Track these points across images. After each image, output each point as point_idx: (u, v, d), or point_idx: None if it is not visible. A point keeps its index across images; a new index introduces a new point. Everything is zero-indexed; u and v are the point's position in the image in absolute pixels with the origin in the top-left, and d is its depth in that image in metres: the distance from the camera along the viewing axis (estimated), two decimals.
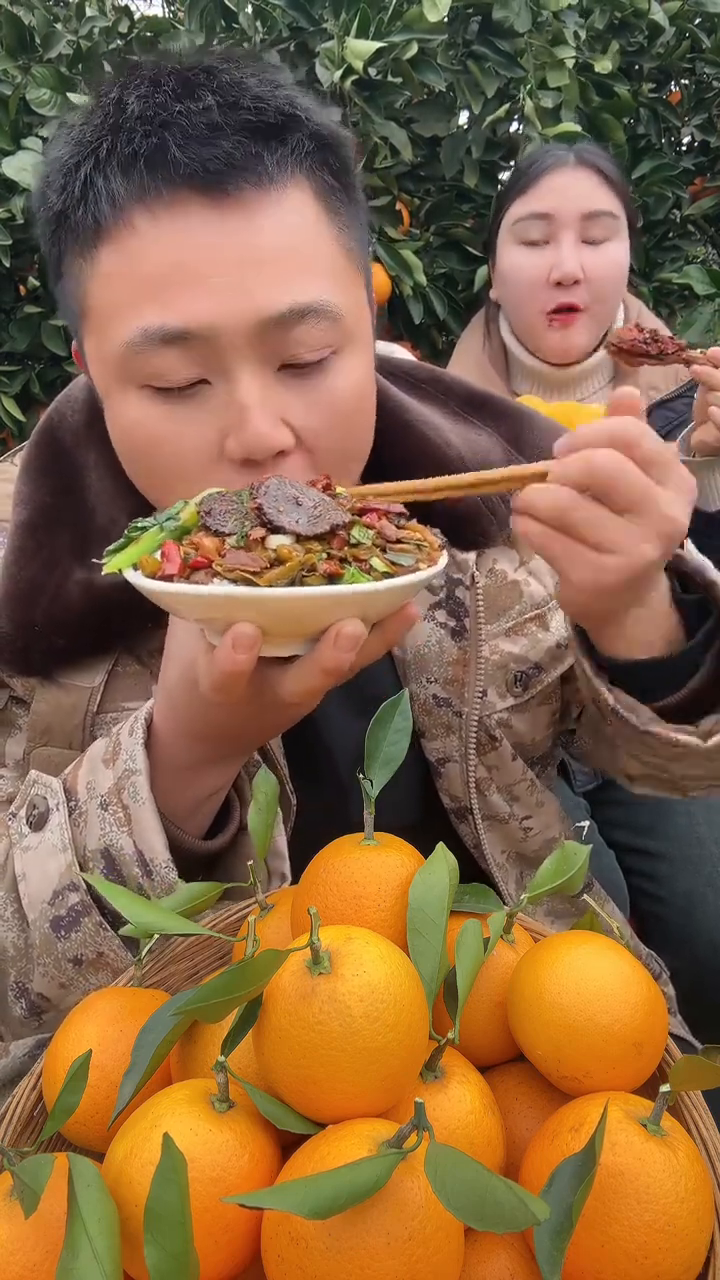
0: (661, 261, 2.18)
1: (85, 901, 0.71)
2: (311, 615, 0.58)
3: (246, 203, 0.66)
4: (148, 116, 0.66)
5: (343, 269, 0.72)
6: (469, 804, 0.90)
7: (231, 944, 0.67)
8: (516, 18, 1.81)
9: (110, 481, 0.82)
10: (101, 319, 0.69)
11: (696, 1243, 0.46)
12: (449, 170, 1.97)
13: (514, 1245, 0.49)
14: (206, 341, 0.66)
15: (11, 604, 0.79)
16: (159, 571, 0.58)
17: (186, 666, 0.67)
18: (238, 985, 0.48)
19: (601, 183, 1.56)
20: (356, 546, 0.60)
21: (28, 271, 1.92)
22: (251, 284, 0.66)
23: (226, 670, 0.58)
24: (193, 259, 0.65)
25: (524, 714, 0.91)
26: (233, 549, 0.58)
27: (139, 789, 0.70)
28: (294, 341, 0.68)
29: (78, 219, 0.68)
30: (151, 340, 0.66)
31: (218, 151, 0.65)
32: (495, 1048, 0.58)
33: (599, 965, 0.55)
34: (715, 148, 2.20)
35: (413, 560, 0.61)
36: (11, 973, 0.76)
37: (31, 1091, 0.59)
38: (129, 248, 0.66)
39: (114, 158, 0.66)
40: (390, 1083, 0.48)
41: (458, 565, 0.88)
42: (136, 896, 0.57)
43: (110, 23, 1.80)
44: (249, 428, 0.67)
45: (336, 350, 0.71)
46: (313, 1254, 0.42)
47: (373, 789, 0.63)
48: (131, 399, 0.70)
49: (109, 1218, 0.44)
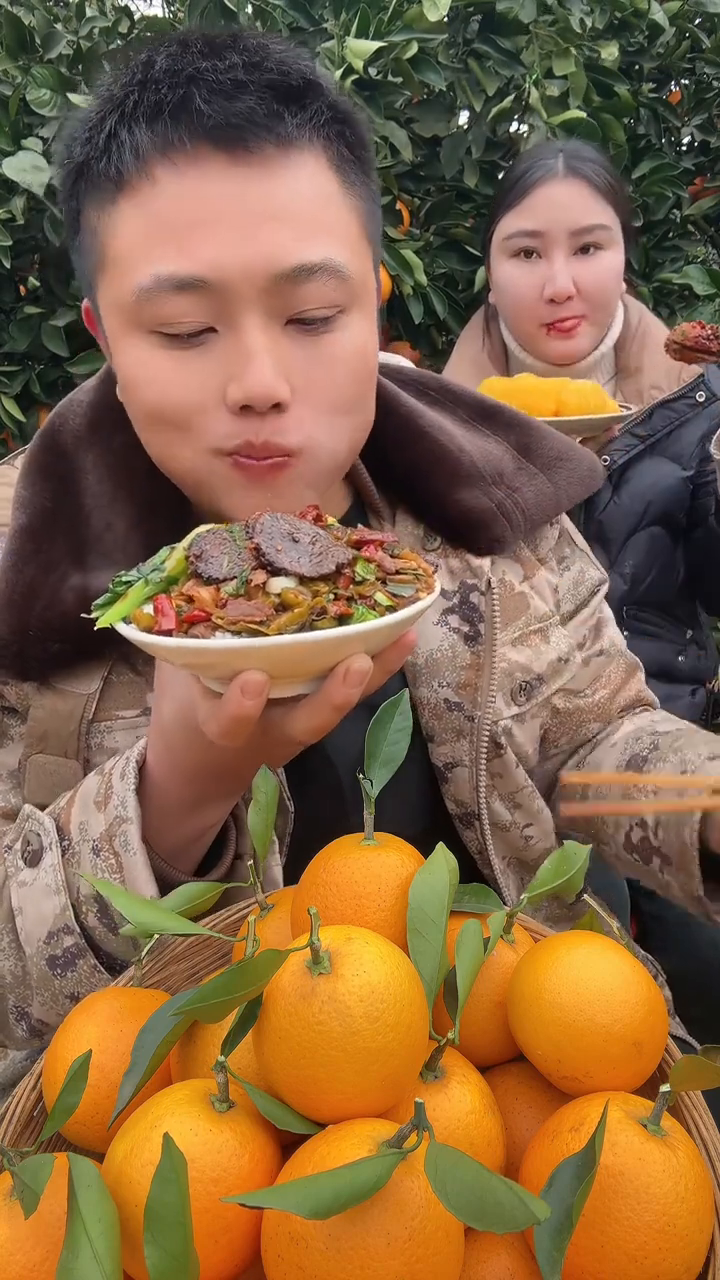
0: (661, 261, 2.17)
1: (80, 945, 0.72)
2: (320, 657, 0.58)
3: (265, 159, 0.67)
4: (175, 71, 0.68)
5: (355, 238, 0.74)
6: (477, 809, 0.90)
7: (231, 944, 0.67)
8: (521, 8, 1.80)
9: (109, 485, 0.83)
10: (117, 266, 0.71)
11: (696, 1243, 0.46)
12: (449, 170, 1.97)
13: (514, 1245, 0.49)
14: (217, 290, 0.68)
15: (7, 608, 0.79)
16: (155, 627, 0.57)
17: (184, 708, 0.67)
18: (238, 985, 0.48)
19: (592, 193, 1.55)
20: (361, 584, 0.60)
21: (28, 272, 1.92)
22: (266, 237, 0.67)
23: (235, 716, 0.58)
24: (210, 210, 0.67)
25: (522, 724, 0.92)
26: (232, 597, 0.57)
27: (129, 838, 0.70)
28: (303, 297, 0.69)
29: (100, 170, 0.70)
30: (164, 286, 0.68)
31: (240, 107, 0.66)
32: (495, 1048, 0.58)
33: (599, 965, 0.55)
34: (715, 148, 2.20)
35: (413, 590, 0.61)
36: (10, 998, 0.76)
37: (31, 1091, 0.59)
38: (148, 199, 0.68)
39: (139, 110, 0.68)
40: (390, 1083, 0.48)
41: (472, 570, 0.89)
42: (136, 896, 0.57)
43: (110, 23, 1.80)
44: (251, 374, 0.68)
45: (343, 310, 0.73)
46: (313, 1254, 0.42)
47: (373, 789, 0.63)
48: (140, 345, 0.71)
49: (109, 1218, 0.44)
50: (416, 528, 0.90)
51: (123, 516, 0.82)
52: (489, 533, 0.88)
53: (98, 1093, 0.54)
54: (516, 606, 0.91)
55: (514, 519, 0.89)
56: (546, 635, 0.93)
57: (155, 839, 0.72)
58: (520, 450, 0.93)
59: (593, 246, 1.56)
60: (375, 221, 0.78)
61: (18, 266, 1.85)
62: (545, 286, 1.56)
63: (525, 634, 0.91)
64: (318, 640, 0.55)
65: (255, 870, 0.64)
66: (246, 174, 0.67)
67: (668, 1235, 0.45)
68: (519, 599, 0.92)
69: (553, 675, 0.93)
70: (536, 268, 1.58)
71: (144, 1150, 0.47)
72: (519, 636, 0.91)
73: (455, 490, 0.87)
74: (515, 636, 0.90)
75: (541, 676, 0.92)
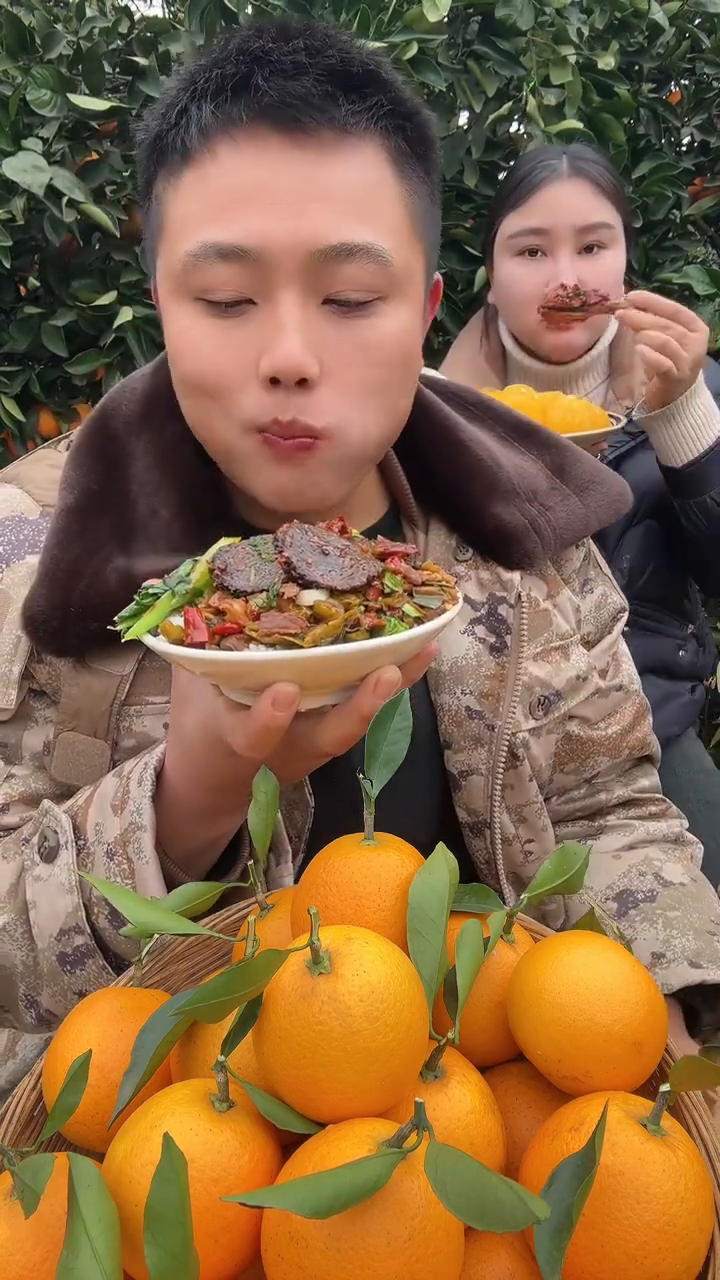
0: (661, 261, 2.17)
1: (90, 945, 0.73)
2: (351, 668, 0.58)
3: (321, 142, 0.69)
4: (244, 50, 0.70)
5: (402, 228, 0.74)
6: (489, 818, 0.91)
7: (231, 944, 0.67)
8: (520, 15, 1.81)
9: (156, 472, 0.84)
10: (172, 234, 0.74)
11: (696, 1243, 0.46)
12: (449, 170, 1.97)
13: (514, 1245, 0.49)
14: (257, 260, 0.69)
15: (49, 584, 0.80)
16: (187, 639, 0.57)
17: (206, 719, 0.67)
18: (238, 985, 0.48)
19: (596, 193, 1.56)
20: (390, 595, 0.61)
21: (28, 272, 1.92)
22: (309, 214, 0.69)
23: (266, 727, 0.58)
24: (260, 184, 0.69)
25: (539, 738, 0.93)
26: (264, 610, 0.57)
27: (143, 846, 0.71)
28: (341, 278, 0.71)
29: (169, 142, 0.73)
30: (209, 253, 0.70)
31: (297, 87, 0.68)
32: (495, 1048, 0.58)
33: (599, 965, 0.55)
34: (715, 148, 2.20)
35: (438, 602, 0.62)
36: (21, 985, 0.77)
37: (31, 1091, 0.59)
38: (209, 172, 0.71)
39: (207, 86, 0.70)
40: (390, 1083, 0.48)
41: (502, 584, 0.90)
42: (136, 896, 0.57)
43: (110, 23, 1.80)
44: (280, 346, 0.70)
45: (384, 298, 0.73)
46: (313, 1253, 0.42)
47: (373, 789, 0.63)
48: (185, 311, 0.74)
49: (109, 1218, 0.44)
50: (449, 538, 0.91)
51: (167, 505, 0.83)
52: (520, 547, 0.90)
53: (98, 1092, 0.54)
54: (541, 622, 0.93)
55: (545, 536, 0.91)
56: (567, 653, 0.94)
57: (169, 846, 0.73)
58: (555, 470, 0.95)
59: (596, 246, 1.57)
60: (430, 222, 0.79)
61: (18, 267, 1.85)
62: (549, 283, 1.56)
63: (547, 650, 0.93)
64: (352, 652, 0.56)
65: (255, 870, 0.64)
66: (301, 155, 0.69)
67: (668, 1235, 0.45)
68: (543, 615, 0.93)
69: (570, 692, 0.94)
70: (541, 265, 1.58)
71: (144, 1150, 0.47)
72: (541, 652, 0.92)
73: (491, 504, 0.89)
74: (538, 651, 0.92)
75: (560, 693, 0.93)
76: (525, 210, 1.58)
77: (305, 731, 0.64)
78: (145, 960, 0.65)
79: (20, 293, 1.93)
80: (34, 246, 1.87)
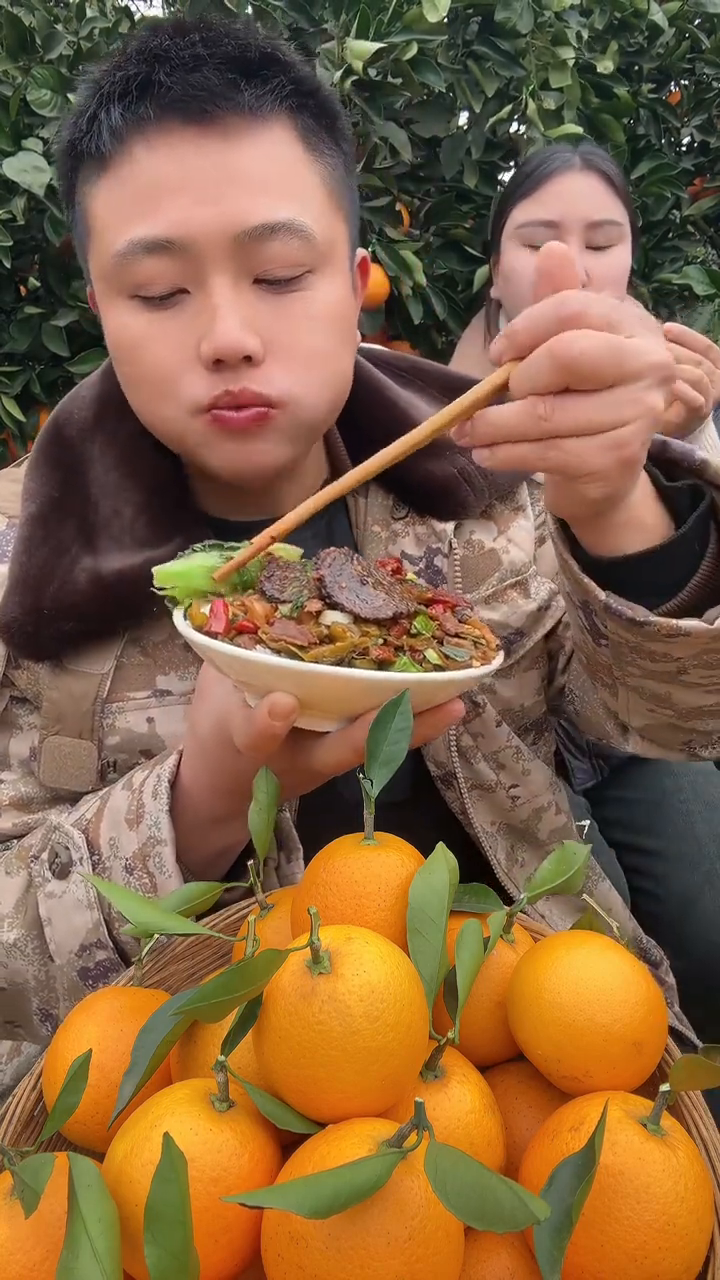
0: (661, 262, 2.17)
1: (113, 959, 0.73)
2: (351, 697, 0.59)
3: (227, 128, 0.71)
4: (143, 51, 0.72)
5: (320, 201, 0.76)
6: (453, 769, 0.91)
7: (231, 944, 0.67)
8: (519, 18, 1.81)
9: (115, 473, 0.85)
10: (100, 237, 0.75)
11: (696, 1243, 0.46)
12: (449, 171, 1.97)
13: (514, 1245, 0.49)
14: (185, 250, 0.71)
15: (21, 589, 0.81)
16: (206, 626, 0.59)
17: (222, 719, 0.68)
18: (238, 985, 0.48)
19: (607, 189, 1.56)
20: (416, 636, 0.61)
21: (28, 272, 1.92)
22: (229, 199, 0.71)
23: (262, 731, 0.60)
24: (176, 176, 0.71)
25: (509, 679, 0.93)
26: (282, 618, 0.59)
27: (164, 860, 0.72)
28: (267, 257, 0.73)
29: (84, 149, 0.74)
30: (136, 250, 0.72)
31: (199, 79, 0.70)
32: (495, 1047, 0.58)
33: (599, 965, 0.55)
34: (715, 148, 2.20)
35: (467, 655, 0.61)
36: (34, 1000, 0.77)
37: (31, 1091, 0.59)
38: (126, 173, 0.72)
39: (113, 90, 0.72)
40: (390, 1082, 0.48)
41: (436, 535, 0.91)
42: (136, 896, 0.57)
43: (110, 23, 1.80)
44: (218, 328, 0.71)
45: (311, 270, 0.75)
46: (313, 1253, 0.42)
47: (373, 789, 0.63)
48: (121, 308, 0.75)
49: (109, 1218, 0.44)
50: (386, 498, 0.92)
51: (130, 504, 0.84)
52: (452, 498, 0.91)
53: (98, 1092, 0.54)
54: (486, 565, 0.93)
55: (476, 483, 0.91)
56: (525, 588, 0.94)
57: (185, 855, 0.73)
58: None
59: (605, 242, 1.57)
60: (347, 190, 0.81)
61: (18, 267, 1.85)
62: None
63: (500, 590, 0.92)
64: (350, 677, 0.56)
65: (255, 870, 0.64)
66: (209, 141, 0.71)
67: (667, 1235, 0.45)
68: (489, 557, 0.93)
69: (534, 626, 0.93)
70: None
71: (144, 1150, 0.47)
72: (493, 594, 0.92)
73: (419, 459, 0.88)
74: (488, 594, 0.92)
75: (522, 630, 0.93)
76: (536, 199, 1.58)
77: (306, 749, 0.65)
78: (145, 960, 0.65)
79: (21, 293, 1.93)
80: (34, 246, 1.86)
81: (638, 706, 0.80)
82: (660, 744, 0.85)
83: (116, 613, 0.81)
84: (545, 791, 0.97)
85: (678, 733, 0.81)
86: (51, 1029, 0.78)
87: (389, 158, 1.88)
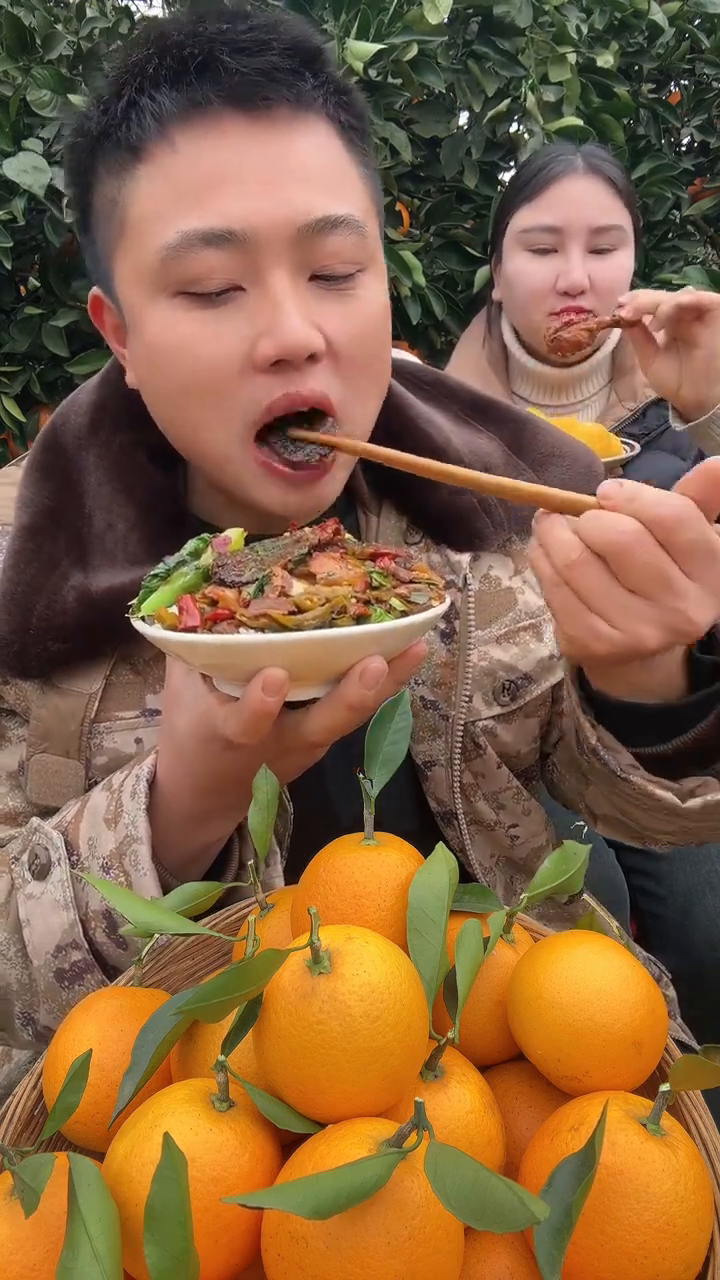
0: (661, 262, 2.18)
1: (88, 960, 0.72)
2: (337, 656, 0.59)
3: (281, 120, 0.69)
4: (197, 32, 0.69)
5: (364, 199, 0.75)
6: (454, 808, 0.90)
7: (231, 944, 0.67)
8: (518, 13, 1.81)
9: (109, 486, 0.83)
10: (139, 231, 0.71)
11: (696, 1242, 0.46)
12: (449, 171, 1.97)
13: (514, 1245, 0.49)
14: (245, 243, 0.68)
15: (8, 606, 0.79)
16: (180, 624, 0.58)
17: (198, 716, 0.67)
18: (238, 985, 0.48)
19: (610, 193, 1.56)
20: (378, 589, 0.62)
21: (28, 272, 1.92)
22: (289, 192, 0.69)
23: (256, 712, 0.58)
24: (232, 167, 0.68)
25: (510, 724, 0.90)
26: (255, 599, 0.59)
27: (140, 858, 0.71)
28: (327, 252, 0.71)
29: (118, 138, 0.70)
30: (191, 242, 0.68)
31: (262, 63, 0.68)
32: (495, 1047, 0.58)
33: (598, 965, 0.55)
34: (715, 148, 2.20)
35: (426, 598, 0.63)
36: (17, 1004, 0.77)
37: (31, 1091, 0.59)
38: (169, 164, 0.69)
39: (162, 73, 0.69)
40: (390, 1082, 0.48)
41: (451, 566, 0.87)
42: (136, 896, 0.57)
43: (110, 23, 1.80)
44: (284, 325, 0.68)
45: (364, 269, 0.74)
46: (313, 1253, 0.42)
47: (372, 789, 0.63)
48: (166, 309, 0.71)
49: (109, 1217, 0.44)
50: (399, 521, 0.90)
51: (123, 518, 0.82)
52: (468, 527, 0.88)
53: (98, 1092, 0.54)
54: (501, 603, 0.90)
55: (496, 515, 0.88)
56: (539, 632, 0.91)
57: (163, 853, 0.73)
58: (512, 447, 0.92)
59: (608, 247, 1.57)
60: (379, 194, 0.80)
61: (18, 267, 1.85)
62: (559, 279, 1.56)
63: (513, 630, 0.89)
64: (337, 637, 0.57)
65: (255, 870, 0.64)
66: (264, 134, 0.69)
67: (667, 1234, 0.45)
68: (505, 595, 0.90)
69: (543, 674, 0.90)
70: (551, 261, 1.58)
71: (144, 1149, 0.47)
72: (505, 634, 0.89)
73: (437, 485, 0.86)
74: (501, 634, 0.89)
75: (529, 675, 0.90)
76: (539, 204, 1.57)
77: (292, 724, 0.64)
78: (145, 960, 0.65)
79: (21, 293, 1.93)
80: (34, 247, 1.87)
81: (604, 806, 0.84)
82: (620, 834, 0.89)
83: (105, 633, 0.79)
84: (543, 831, 0.97)
85: (637, 834, 0.85)
86: (33, 1033, 0.77)
87: (389, 158, 1.88)
